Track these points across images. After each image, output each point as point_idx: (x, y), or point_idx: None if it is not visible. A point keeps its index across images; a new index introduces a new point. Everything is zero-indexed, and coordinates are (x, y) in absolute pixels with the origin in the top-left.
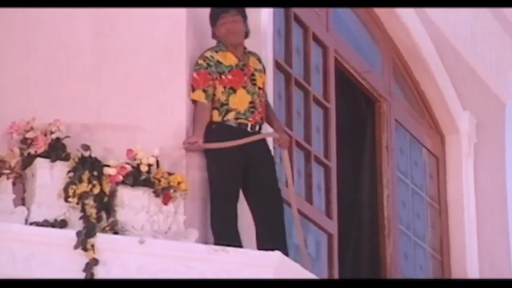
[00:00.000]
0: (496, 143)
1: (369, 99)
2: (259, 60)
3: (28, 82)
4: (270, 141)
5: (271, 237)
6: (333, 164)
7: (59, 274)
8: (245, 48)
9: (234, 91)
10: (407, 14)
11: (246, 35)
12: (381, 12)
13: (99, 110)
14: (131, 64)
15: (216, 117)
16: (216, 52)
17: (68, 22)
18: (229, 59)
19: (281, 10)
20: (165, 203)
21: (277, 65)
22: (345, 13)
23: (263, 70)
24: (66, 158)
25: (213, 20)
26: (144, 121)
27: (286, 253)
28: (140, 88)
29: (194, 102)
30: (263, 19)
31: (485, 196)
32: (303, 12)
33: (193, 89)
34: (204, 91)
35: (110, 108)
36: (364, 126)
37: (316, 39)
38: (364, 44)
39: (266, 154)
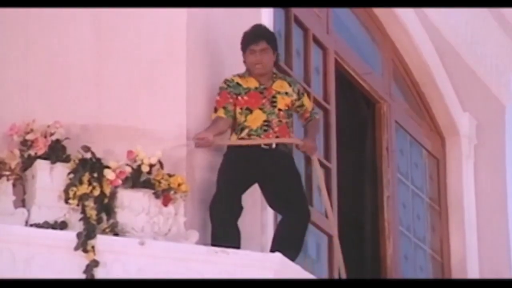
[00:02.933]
0: (496, 145)
1: (369, 101)
2: (291, 83)
3: (28, 83)
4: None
5: (282, 247)
6: (333, 165)
7: (59, 276)
8: (274, 73)
9: (251, 111)
10: (407, 15)
11: (275, 63)
12: (381, 14)
13: (100, 111)
14: (132, 66)
15: (233, 138)
16: (240, 77)
17: (68, 24)
18: (250, 83)
19: (281, 12)
20: (165, 205)
21: (277, 67)
22: (345, 15)
23: (295, 93)
24: (66, 159)
25: (243, 47)
26: (144, 122)
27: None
28: (140, 89)
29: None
30: (263, 21)
31: (485, 197)
32: (303, 14)
33: (215, 110)
34: (224, 107)
35: (110, 109)
36: (364, 128)
37: (316, 40)
38: (364, 46)
39: (283, 168)
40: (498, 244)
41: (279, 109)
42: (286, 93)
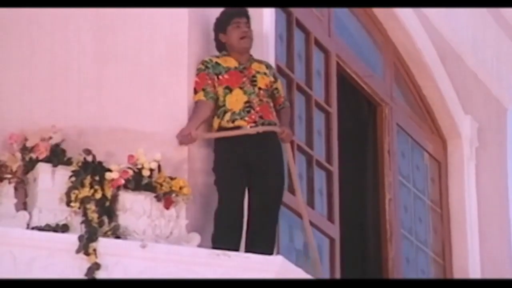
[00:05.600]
0: (497, 147)
1: (371, 104)
2: (267, 66)
3: (29, 86)
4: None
5: (262, 239)
6: (335, 168)
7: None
8: (251, 55)
9: (230, 90)
10: (409, 18)
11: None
12: (383, 17)
13: (101, 114)
14: (133, 68)
15: (216, 123)
16: (217, 57)
17: (68, 26)
18: (229, 62)
19: (283, 15)
20: (167, 208)
21: (279, 69)
22: (347, 18)
23: (272, 76)
24: (68, 162)
25: (224, 23)
26: (146, 125)
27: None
28: (141, 92)
29: (196, 103)
30: (265, 24)
31: (487, 200)
32: (304, 17)
33: (195, 92)
34: (203, 89)
35: (111, 112)
36: (366, 131)
37: (318, 43)
38: (365, 49)
39: (271, 155)
40: (500, 247)
41: (260, 88)
42: (265, 74)
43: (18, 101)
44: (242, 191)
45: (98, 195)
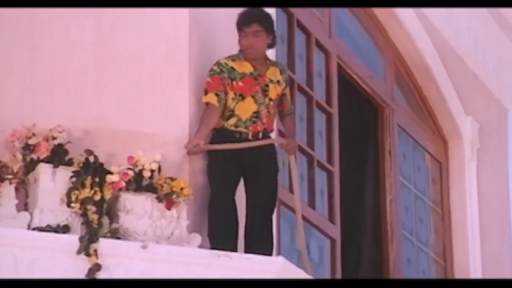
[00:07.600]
0: (498, 148)
1: (372, 105)
2: (282, 70)
3: (30, 87)
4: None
5: (259, 239)
6: (336, 169)
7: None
8: (267, 58)
9: (243, 98)
10: (409, 19)
11: (270, 45)
12: (384, 18)
13: (102, 115)
14: (134, 69)
15: (219, 124)
16: (233, 60)
17: (69, 27)
18: (245, 68)
19: (284, 16)
20: (168, 208)
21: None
22: (348, 19)
23: (284, 81)
24: (69, 163)
25: (237, 28)
26: (147, 126)
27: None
28: (142, 93)
29: (206, 105)
30: None
31: (488, 201)
32: (305, 18)
33: (206, 93)
34: (217, 94)
35: (112, 113)
36: (367, 132)
37: (318, 45)
38: (366, 50)
39: (266, 161)
40: (501, 247)
41: (270, 99)
42: (278, 82)
43: (19, 102)
44: (234, 187)
45: (97, 197)
